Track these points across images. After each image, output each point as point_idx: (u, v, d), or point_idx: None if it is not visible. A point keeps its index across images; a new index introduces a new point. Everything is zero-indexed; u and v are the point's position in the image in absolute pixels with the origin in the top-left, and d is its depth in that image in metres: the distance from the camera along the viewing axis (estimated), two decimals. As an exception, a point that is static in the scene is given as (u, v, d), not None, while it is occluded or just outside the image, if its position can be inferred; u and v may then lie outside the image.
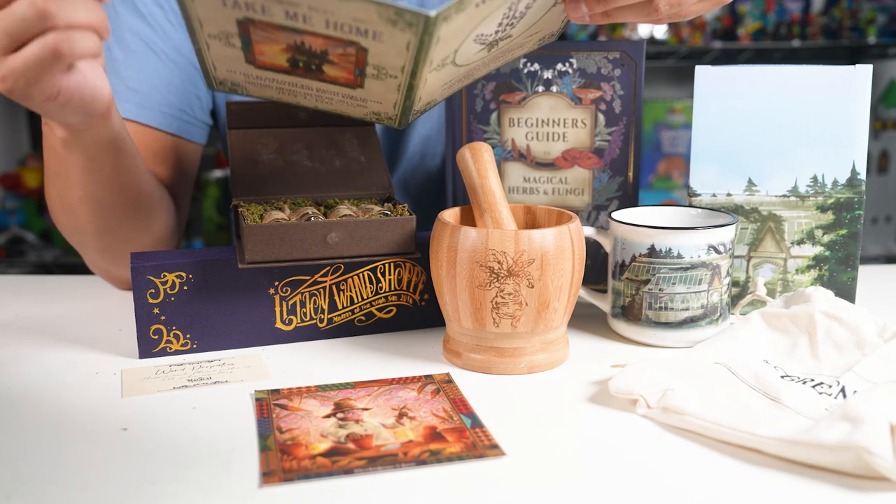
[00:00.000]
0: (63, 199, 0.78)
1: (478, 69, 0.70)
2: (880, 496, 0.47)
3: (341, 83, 0.62)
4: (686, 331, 0.71)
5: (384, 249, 0.70)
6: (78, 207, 0.78)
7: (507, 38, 0.64)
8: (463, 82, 0.71)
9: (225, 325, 0.71)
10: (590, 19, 0.64)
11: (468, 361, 0.67)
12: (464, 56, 0.62)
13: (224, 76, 0.66)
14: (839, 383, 0.59)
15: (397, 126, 0.70)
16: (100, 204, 0.77)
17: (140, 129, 0.90)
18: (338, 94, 0.65)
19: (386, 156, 1.02)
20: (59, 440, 0.55)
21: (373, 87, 0.62)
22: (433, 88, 0.65)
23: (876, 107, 2.67)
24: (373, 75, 0.60)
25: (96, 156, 0.72)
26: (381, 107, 0.66)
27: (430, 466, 0.51)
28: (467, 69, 0.66)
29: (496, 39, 0.63)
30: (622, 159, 0.82)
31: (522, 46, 0.71)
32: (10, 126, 2.65)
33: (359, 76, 0.60)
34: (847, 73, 0.74)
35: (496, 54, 0.67)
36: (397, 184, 1.04)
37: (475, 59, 0.65)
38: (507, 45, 0.67)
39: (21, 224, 2.55)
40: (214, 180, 2.44)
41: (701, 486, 0.49)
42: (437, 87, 0.66)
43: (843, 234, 0.77)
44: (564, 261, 0.64)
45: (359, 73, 0.60)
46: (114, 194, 0.77)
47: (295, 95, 0.68)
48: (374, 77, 0.60)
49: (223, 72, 0.65)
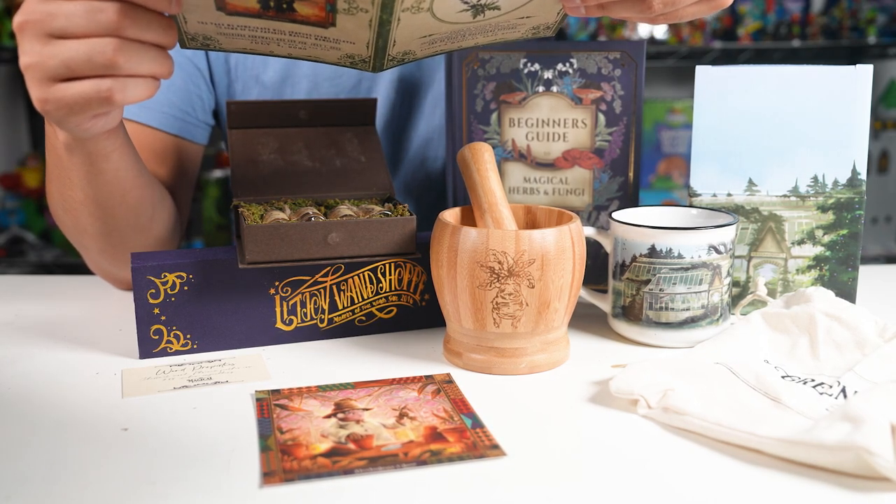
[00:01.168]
0: (64, 200, 0.78)
1: (463, 36, 0.68)
2: (880, 496, 0.47)
3: (313, 22, 0.61)
4: (686, 331, 0.71)
5: (385, 250, 0.70)
6: (79, 208, 0.77)
7: (495, 10, 0.64)
8: (447, 45, 0.69)
9: (225, 326, 0.71)
10: (585, 11, 0.63)
11: (469, 362, 0.67)
12: (443, 8, 0.61)
13: (195, 29, 0.64)
14: (840, 383, 0.59)
15: (371, 70, 0.68)
16: (100, 206, 0.77)
17: (141, 129, 0.90)
18: (310, 36, 0.64)
19: (387, 158, 1.02)
20: (60, 440, 0.55)
21: (345, 25, 0.61)
22: (409, 35, 0.63)
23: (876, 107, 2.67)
24: (344, 10, 0.59)
25: (97, 161, 0.72)
26: (354, 48, 0.65)
27: (430, 467, 0.51)
28: (449, 29, 0.65)
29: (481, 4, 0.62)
30: (622, 159, 0.82)
31: (514, 29, 0.69)
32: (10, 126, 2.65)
33: (330, 12, 0.59)
34: (847, 73, 0.74)
35: (483, 25, 0.66)
36: (398, 187, 1.04)
37: (458, 20, 0.64)
38: (496, 20, 0.66)
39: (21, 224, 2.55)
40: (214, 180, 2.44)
41: (701, 486, 0.49)
42: (415, 38, 0.64)
43: (843, 234, 0.77)
44: (565, 261, 0.64)
45: (330, 8, 0.59)
46: (114, 197, 0.76)
47: (268, 43, 0.66)
48: (346, 12, 0.59)
49: (194, 24, 0.63)
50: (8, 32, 2.37)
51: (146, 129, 0.90)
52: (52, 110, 0.58)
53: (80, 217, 0.79)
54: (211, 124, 0.99)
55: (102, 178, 0.74)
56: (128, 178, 0.76)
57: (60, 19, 0.55)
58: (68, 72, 0.56)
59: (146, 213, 0.81)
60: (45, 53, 0.56)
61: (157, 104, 0.90)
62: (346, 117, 0.82)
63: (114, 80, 0.57)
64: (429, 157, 1.03)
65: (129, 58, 0.56)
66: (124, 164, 0.74)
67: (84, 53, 0.55)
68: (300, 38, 0.64)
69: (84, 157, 0.71)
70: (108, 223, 0.79)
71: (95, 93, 0.57)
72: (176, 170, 0.93)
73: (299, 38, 0.64)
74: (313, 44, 0.65)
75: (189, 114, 0.94)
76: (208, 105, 0.97)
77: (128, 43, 0.56)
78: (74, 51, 0.55)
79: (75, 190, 0.76)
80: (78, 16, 0.55)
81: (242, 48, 0.68)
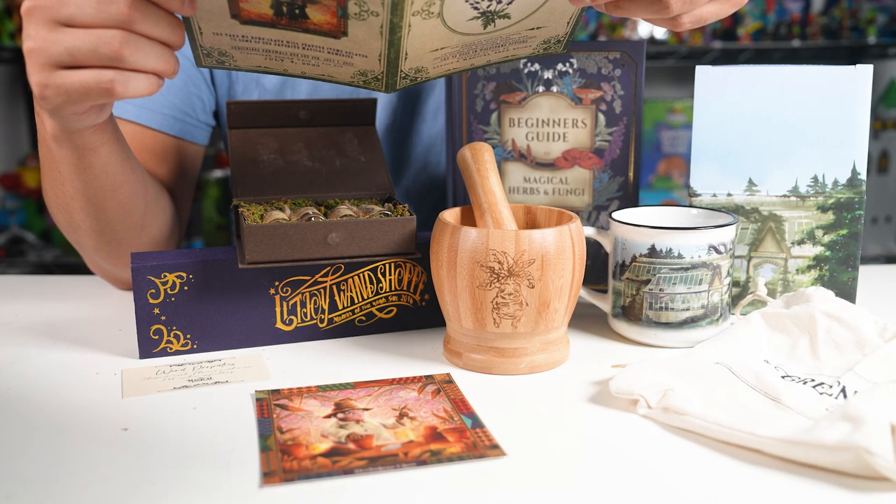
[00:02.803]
0: (57, 196, 0.78)
1: (475, 51, 0.68)
2: (880, 496, 0.47)
3: (325, 31, 0.62)
4: (686, 331, 0.71)
5: (385, 250, 0.70)
6: (70, 203, 0.77)
7: (506, 18, 0.64)
8: (459, 62, 0.70)
9: (225, 326, 0.71)
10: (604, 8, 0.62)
11: (469, 361, 0.67)
12: (453, 15, 0.61)
13: (210, 43, 0.65)
14: (840, 383, 0.59)
15: (384, 90, 0.68)
16: (90, 201, 0.77)
17: (141, 130, 0.90)
18: (323, 49, 0.64)
19: (388, 164, 1.02)
20: (60, 440, 0.55)
21: (357, 34, 0.61)
22: (421, 47, 0.64)
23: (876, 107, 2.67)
24: (355, 14, 0.59)
25: (85, 154, 0.71)
26: (367, 62, 0.65)
27: (430, 467, 0.51)
28: (461, 42, 0.65)
29: (491, 11, 0.62)
30: (622, 159, 0.82)
31: (525, 43, 0.70)
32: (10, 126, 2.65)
33: (342, 18, 0.60)
34: (847, 73, 0.74)
35: (494, 39, 0.66)
36: (400, 192, 1.04)
37: (469, 30, 0.64)
38: (507, 31, 0.66)
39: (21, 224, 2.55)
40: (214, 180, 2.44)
41: (701, 486, 0.49)
42: (426, 51, 0.65)
43: (843, 234, 0.77)
44: (565, 261, 0.64)
45: (341, 13, 0.59)
46: (104, 192, 0.76)
47: (282, 59, 0.67)
48: (357, 17, 0.59)
49: (209, 37, 0.64)
50: (8, 32, 2.37)
51: (146, 131, 0.90)
52: (51, 96, 0.58)
53: (72, 213, 0.79)
54: (211, 125, 0.99)
55: (91, 172, 0.73)
56: (117, 174, 0.76)
57: (70, 7, 0.55)
58: (72, 60, 0.56)
59: (138, 209, 0.81)
60: (51, 39, 0.56)
61: (158, 105, 0.90)
62: (346, 117, 0.82)
63: (116, 73, 0.56)
64: (430, 162, 1.03)
65: (135, 51, 0.56)
66: (113, 159, 0.74)
67: (90, 43, 0.55)
68: (313, 52, 0.65)
69: (72, 150, 0.71)
70: (100, 219, 0.79)
71: (97, 83, 0.57)
72: (176, 171, 0.93)
73: (312, 53, 0.65)
74: (326, 58, 0.66)
75: (189, 115, 0.94)
76: (209, 106, 0.97)
77: (135, 37, 0.56)
78: (81, 40, 0.55)
79: (66, 184, 0.75)
80: (88, 5, 0.55)
81: (256, 66, 0.69)
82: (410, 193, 1.04)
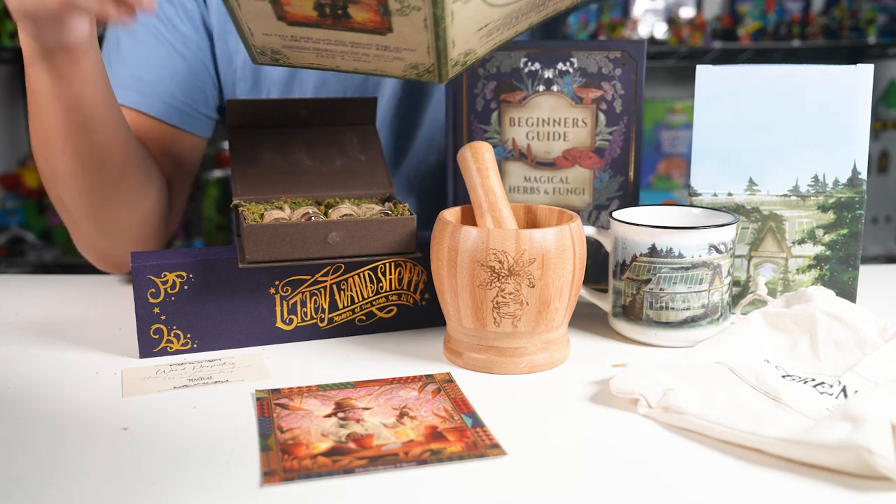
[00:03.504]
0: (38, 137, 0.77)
1: (517, 18, 0.67)
2: (880, 496, 0.47)
3: (370, 29, 0.62)
4: (687, 330, 0.71)
5: (385, 249, 0.70)
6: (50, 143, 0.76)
7: None
8: (503, 33, 0.69)
9: (225, 325, 0.71)
10: None
11: (469, 361, 0.67)
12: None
13: (262, 42, 0.66)
14: (840, 383, 0.59)
15: (438, 80, 0.68)
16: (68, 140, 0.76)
17: (140, 117, 0.90)
18: (371, 45, 0.64)
19: (390, 152, 1.02)
20: (60, 440, 0.55)
21: (402, 30, 0.61)
22: (466, 31, 0.63)
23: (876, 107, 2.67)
24: (396, 10, 0.59)
25: (59, 80, 0.71)
26: (416, 56, 0.65)
27: (430, 466, 0.51)
28: (503, 12, 0.64)
29: None
30: (623, 159, 0.82)
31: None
32: (10, 126, 2.65)
33: (385, 15, 0.60)
34: (848, 72, 0.74)
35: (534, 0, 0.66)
36: (401, 181, 1.04)
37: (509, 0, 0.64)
38: None
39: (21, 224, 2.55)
40: (214, 180, 2.44)
41: (701, 486, 0.49)
42: (472, 32, 0.64)
43: (843, 233, 0.77)
44: (565, 260, 0.64)
45: (383, 10, 0.59)
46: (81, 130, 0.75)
47: (333, 56, 0.67)
48: (399, 13, 0.59)
49: (259, 37, 0.64)
50: (8, 32, 2.37)
51: (145, 118, 0.90)
52: None
53: (51, 153, 0.77)
54: (214, 118, 0.99)
55: (66, 101, 0.73)
56: (94, 114, 0.75)
57: None
58: None
59: (116, 158, 0.79)
60: None
61: (158, 94, 0.91)
62: (347, 116, 0.82)
63: None
64: (432, 152, 1.03)
65: None
66: (89, 93, 0.73)
67: None
68: (363, 50, 0.65)
69: (48, 73, 0.71)
70: (77, 162, 0.78)
71: None
72: (174, 160, 0.93)
73: (362, 50, 0.65)
74: (376, 55, 0.66)
75: (190, 106, 0.94)
76: (212, 99, 0.97)
77: None
78: None
79: (45, 120, 0.74)
80: None
81: (309, 63, 0.69)
82: (412, 183, 1.04)
